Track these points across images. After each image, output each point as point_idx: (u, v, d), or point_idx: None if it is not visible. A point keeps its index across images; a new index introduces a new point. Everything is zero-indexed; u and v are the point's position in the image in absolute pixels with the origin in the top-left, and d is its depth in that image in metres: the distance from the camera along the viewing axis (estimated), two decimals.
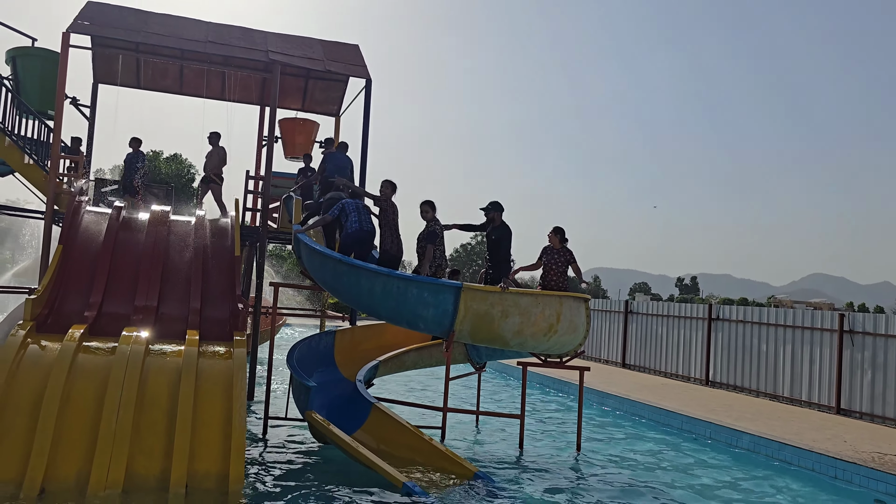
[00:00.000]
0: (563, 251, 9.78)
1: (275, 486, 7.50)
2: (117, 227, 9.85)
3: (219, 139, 13.13)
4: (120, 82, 14.99)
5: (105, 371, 7.18)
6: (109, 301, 8.87)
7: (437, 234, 9.61)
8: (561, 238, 9.88)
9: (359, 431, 8.84)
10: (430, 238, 9.58)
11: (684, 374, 17.46)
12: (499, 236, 9.54)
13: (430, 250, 9.49)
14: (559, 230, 9.94)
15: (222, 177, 13.17)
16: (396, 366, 11.03)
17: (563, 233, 9.94)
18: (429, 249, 9.50)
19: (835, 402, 13.40)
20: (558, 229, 9.94)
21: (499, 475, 8.36)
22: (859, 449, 9.85)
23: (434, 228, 9.63)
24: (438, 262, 9.62)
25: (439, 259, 9.62)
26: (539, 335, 8.75)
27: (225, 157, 13.14)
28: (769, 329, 15.20)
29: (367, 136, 13.03)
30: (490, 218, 9.63)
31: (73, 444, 6.63)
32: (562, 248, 9.81)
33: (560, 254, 9.76)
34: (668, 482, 8.68)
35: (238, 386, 7.36)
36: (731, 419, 11.66)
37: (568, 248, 9.85)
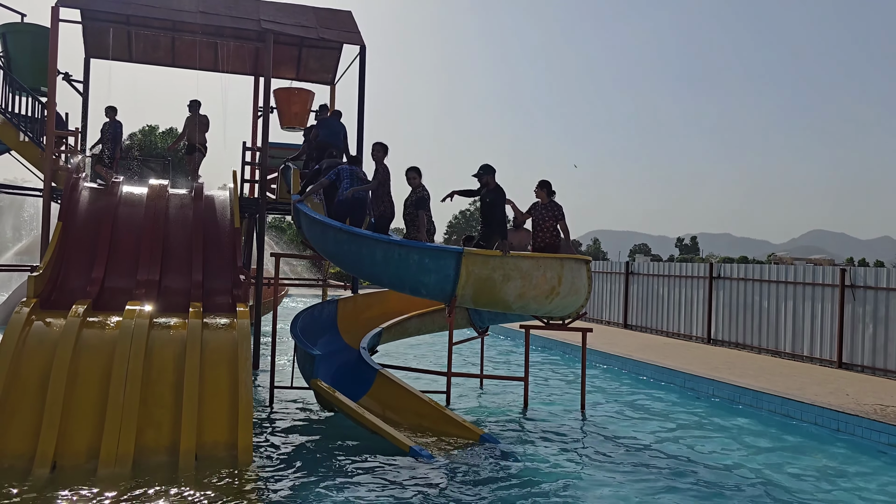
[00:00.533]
0: (552, 206, 9.68)
1: (283, 454, 7.59)
2: (116, 202, 9.83)
3: (199, 107, 12.70)
4: (112, 56, 14.83)
5: (110, 346, 7.22)
6: (111, 276, 8.89)
7: (426, 199, 9.57)
8: (548, 192, 9.76)
9: (364, 398, 8.93)
10: (419, 204, 9.53)
11: (686, 333, 17.55)
12: (493, 199, 9.43)
13: (423, 217, 9.46)
14: (545, 184, 9.80)
15: (206, 146, 12.91)
16: (400, 332, 11.09)
17: (550, 186, 9.81)
18: (421, 216, 9.46)
19: (836, 356, 13.48)
20: (544, 183, 9.80)
21: (504, 437, 8.45)
22: (861, 402, 9.94)
23: (423, 194, 9.58)
24: (426, 227, 9.58)
25: (427, 224, 9.59)
26: (541, 298, 8.78)
27: (207, 125, 12.74)
28: (770, 286, 15.24)
29: (362, 103, 12.94)
30: (484, 182, 9.51)
31: (83, 419, 6.69)
32: (550, 203, 9.71)
33: (548, 209, 9.66)
34: (671, 440, 8.77)
35: (243, 356, 7.40)
36: (733, 376, 11.74)
37: (556, 202, 9.74)
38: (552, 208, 9.64)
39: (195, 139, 12.32)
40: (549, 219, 9.59)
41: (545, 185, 9.78)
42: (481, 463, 7.27)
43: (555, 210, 9.64)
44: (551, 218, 9.60)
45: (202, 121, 12.43)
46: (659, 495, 6.66)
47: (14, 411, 6.62)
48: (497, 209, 9.38)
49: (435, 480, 6.72)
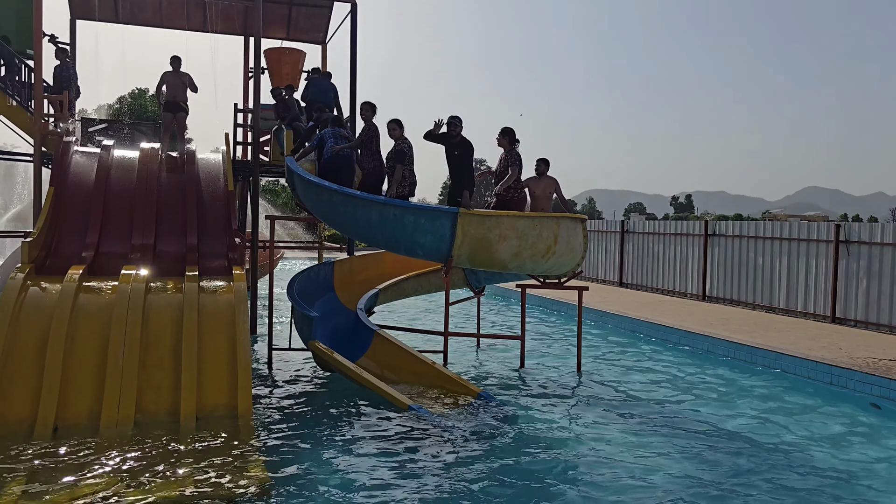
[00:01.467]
0: (510, 154, 9.76)
1: (283, 415, 7.65)
2: (108, 166, 9.74)
3: (181, 63, 12.18)
4: (98, 17, 14.59)
5: (107, 310, 7.22)
6: (106, 240, 8.84)
7: (406, 153, 9.42)
8: (510, 140, 9.75)
9: (362, 358, 8.98)
10: (398, 157, 9.39)
11: (681, 291, 17.63)
12: (461, 152, 9.31)
13: (400, 171, 9.33)
14: (504, 131, 9.79)
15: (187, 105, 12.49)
16: (396, 293, 11.12)
17: (513, 134, 9.78)
18: (398, 170, 9.33)
19: (830, 311, 13.57)
20: (504, 130, 9.80)
21: (501, 395, 8.52)
22: (854, 355, 10.03)
23: (402, 147, 9.42)
24: (410, 180, 9.47)
25: (410, 177, 9.47)
26: (537, 257, 8.78)
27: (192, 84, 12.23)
28: (765, 242, 15.28)
29: (354, 62, 12.78)
30: (457, 133, 9.30)
31: (82, 383, 6.71)
32: (510, 151, 9.78)
33: (508, 155, 9.78)
34: (666, 396, 8.87)
35: (240, 319, 7.41)
36: (728, 332, 11.83)
37: (516, 150, 9.77)
38: (510, 155, 9.74)
39: (180, 97, 11.85)
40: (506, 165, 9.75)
41: (505, 132, 9.79)
42: (479, 420, 7.35)
43: (511, 157, 9.74)
44: (508, 164, 9.74)
45: (187, 79, 11.94)
46: (655, 449, 6.75)
47: (13, 377, 6.64)
48: (465, 161, 9.31)
49: (433, 438, 6.79)
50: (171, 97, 11.77)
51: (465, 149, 9.31)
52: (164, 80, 11.80)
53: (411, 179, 9.45)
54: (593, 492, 5.71)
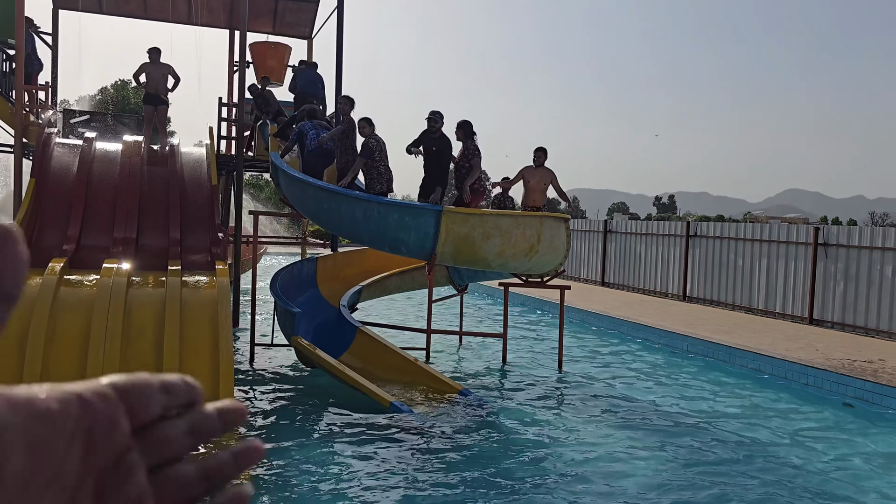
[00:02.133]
0: (469, 146, 9.62)
1: (265, 411, 7.66)
2: (90, 159, 9.67)
3: (160, 55, 12.03)
4: (81, 7, 14.46)
5: (89, 304, 7.17)
6: (88, 234, 8.79)
7: (373, 148, 9.46)
8: (466, 132, 9.60)
9: (345, 355, 8.99)
10: (363, 152, 9.49)
11: (662, 291, 17.77)
12: (439, 147, 9.33)
13: (359, 163, 9.41)
14: (460, 124, 9.64)
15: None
16: (380, 290, 11.13)
17: (469, 127, 9.62)
18: (357, 162, 9.43)
19: (808, 312, 13.75)
20: (461, 123, 9.64)
21: (483, 392, 8.57)
22: (830, 356, 10.18)
23: (369, 143, 9.50)
24: (386, 176, 9.52)
25: (386, 174, 9.53)
26: (520, 256, 8.83)
27: (175, 74, 12.08)
28: (745, 244, 15.44)
29: (341, 57, 12.77)
30: (436, 129, 9.32)
31: (62, 378, 6.57)
32: (468, 144, 9.61)
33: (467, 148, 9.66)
34: (646, 394, 8.96)
35: (223, 314, 7.39)
36: (707, 332, 11.95)
37: (474, 143, 9.62)
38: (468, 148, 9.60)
39: (161, 90, 11.69)
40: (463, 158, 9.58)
41: (461, 125, 9.60)
42: (461, 417, 7.39)
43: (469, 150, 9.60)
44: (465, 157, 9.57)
45: (170, 70, 11.75)
46: (633, 446, 6.82)
47: None
48: (444, 158, 9.34)
49: (415, 434, 6.83)
50: (152, 90, 11.66)
51: (444, 145, 9.34)
52: (142, 69, 11.64)
53: (388, 176, 9.49)
54: (573, 488, 5.77)
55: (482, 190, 9.69)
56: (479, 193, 9.63)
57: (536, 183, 10.11)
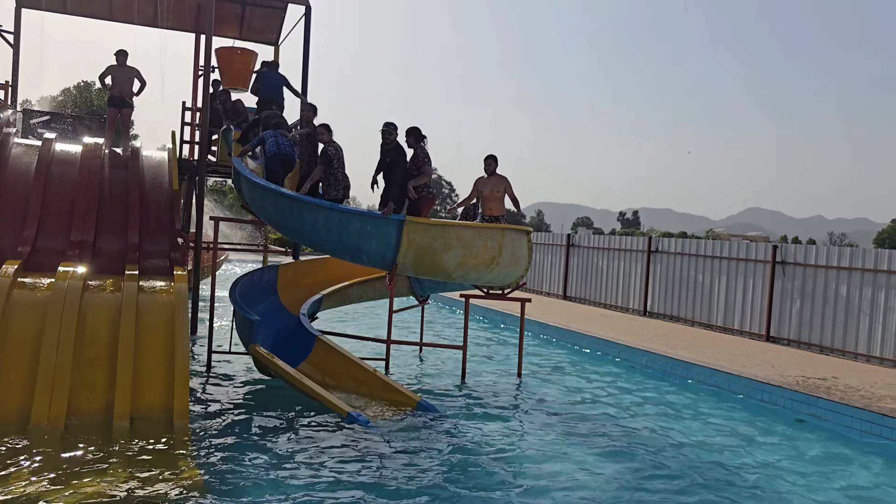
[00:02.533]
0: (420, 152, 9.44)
1: (220, 419, 7.56)
2: (49, 160, 9.49)
3: (127, 57, 11.98)
4: (44, 7, 14.22)
5: (42, 307, 7.03)
6: (44, 236, 8.62)
7: (331, 155, 9.44)
8: (416, 138, 9.42)
9: (303, 364, 8.92)
10: (322, 159, 9.50)
11: (623, 306, 17.95)
12: (393, 158, 9.23)
13: (318, 171, 9.43)
14: (409, 131, 9.46)
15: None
16: (340, 299, 11.08)
17: (418, 133, 9.44)
18: (317, 170, 9.46)
19: (765, 329, 13.99)
20: (409, 130, 9.47)
21: (442, 404, 8.56)
22: (785, 373, 10.36)
23: (328, 150, 9.49)
24: (343, 183, 9.53)
25: (343, 181, 9.53)
26: (481, 267, 8.87)
27: (141, 78, 11.92)
28: (706, 261, 15.68)
29: (307, 64, 12.75)
30: (390, 140, 9.27)
31: (13, 381, 6.53)
32: (418, 149, 9.44)
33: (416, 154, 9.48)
34: (605, 409, 9.03)
35: (180, 320, 7.30)
36: (666, 347, 12.10)
37: (424, 148, 9.44)
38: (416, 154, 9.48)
39: (126, 93, 11.57)
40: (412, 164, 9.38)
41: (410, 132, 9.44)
42: (418, 429, 7.37)
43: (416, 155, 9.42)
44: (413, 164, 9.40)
45: (136, 74, 11.63)
46: (590, 458, 6.87)
47: None
48: (397, 169, 9.18)
49: (372, 446, 6.79)
50: (116, 92, 11.51)
51: (397, 155, 9.23)
52: (108, 72, 11.52)
53: (345, 183, 9.53)
54: (530, 500, 5.78)
55: (431, 197, 9.54)
56: (429, 200, 9.46)
57: (490, 192, 10.02)
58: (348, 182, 9.58)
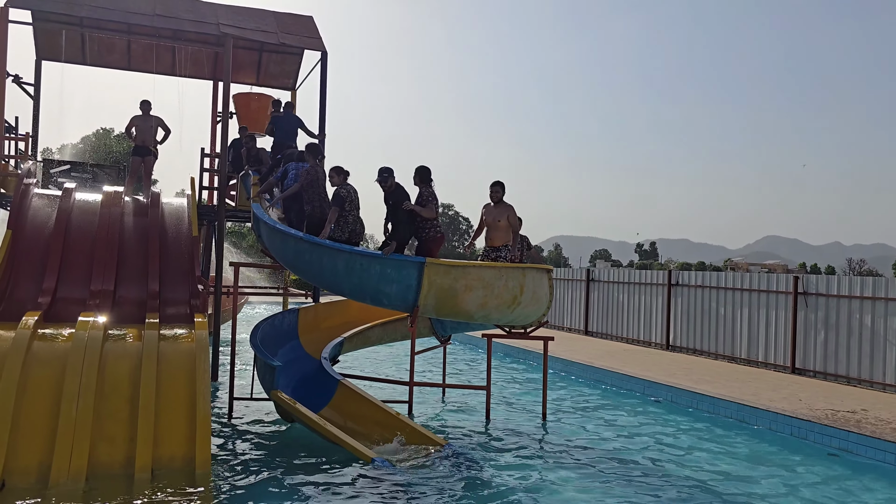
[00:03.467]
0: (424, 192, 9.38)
1: (243, 467, 7.46)
2: (69, 210, 9.58)
3: (150, 107, 12.06)
4: (64, 58, 14.50)
5: (62, 358, 7.01)
6: (64, 286, 8.65)
7: (343, 197, 9.38)
8: (422, 178, 9.38)
9: (326, 409, 8.83)
10: (334, 201, 9.41)
11: (645, 340, 17.75)
12: (395, 200, 9.18)
13: (333, 213, 9.29)
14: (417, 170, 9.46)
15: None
16: (361, 341, 11.00)
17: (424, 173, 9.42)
18: (332, 212, 9.31)
19: (790, 361, 13.75)
20: (417, 170, 9.47)
21: (467, 446, 8.43)
22: (813, 406, 10.14)
23: (339, 192, 9.42)
24: (352, 227, 9.41)
25: (352, 224, 9.41)
26: (503, 307, 8.79)
27: (165, 126, 12.17)
28: (727, 293, 15.50)
29: (324, 109, 12.86)
30: (388, 185, 9.26)
31: (33, 435, 6.48)
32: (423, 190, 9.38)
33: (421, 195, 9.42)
34: (632, 447, 8.85)
35: (201, 368, 7.25)
36: (690, 382, 11.90)
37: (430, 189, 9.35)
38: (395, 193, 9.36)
39: (150, 141, 11.83)
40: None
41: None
42: (444, 473, 7.24)
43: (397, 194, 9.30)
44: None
45: (159, 122, 11.92)
46: (619, 499, 6.70)
47: None
48: (398, 211, 9.13)
49: (397, 491, 6.67)
50: (140, 141, 11.74)
51: (398, 197, 9.18)
52: (133, 122, 11.78)
53: (353, 227, 9.39)
54: None
55: (440, 236, 9.34)
56: (438, 240, 9.29)
57: (493, 220, 9.78)
58: (360, 226, 9.51)
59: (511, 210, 9.80)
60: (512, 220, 9.76)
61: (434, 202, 9.30)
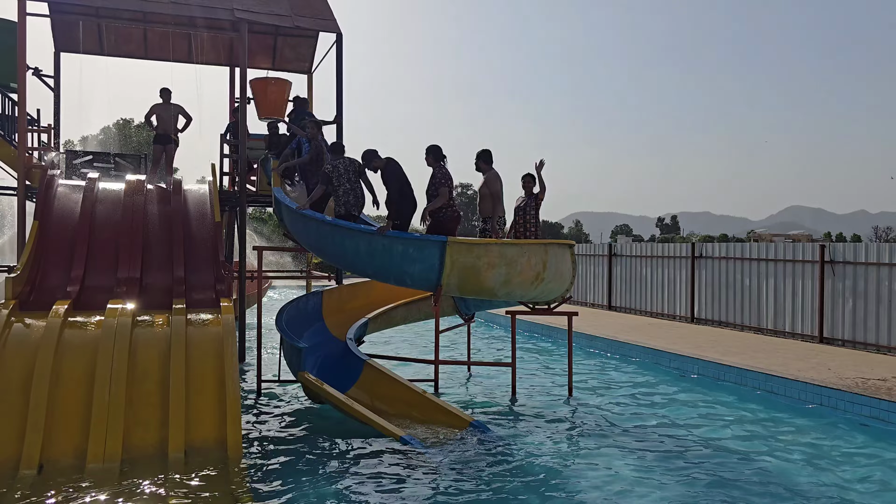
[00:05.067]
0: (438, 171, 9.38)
1: (273, 448, 7.55)
2: (93, 199, 9.68)
3: (171, 95, 12.17)
4: (82, 49, 14.58)
5: (93, 345, 7.12)
6: (91, 274, 8.76)
7: (328, 174, 9.67)
8: (435, 157, 9.40)
9: (353, 389, 8.90)
10: (322, 179, 9.82)
11: (670, 313, 17.66)
12: (385, 179, 9.31)
13: (318, 190, 9.81)
14: (429, 149, 9.44)
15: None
16: (386, 322, 11.06)
17: (437, 151, 9.42)
18: (316, 189, 9.85)
19: (818, 331, 13.63)
20: (429, 149, 9.45)
21: (494, 423, 8.46)
22: (843, 375, 10.05)
23: (324, 169, 9.81)
24: (344, 199, 9.59)
25: (344, 197, 9.58)
26: (526, 284, 8.77)
27: (186, 114, 12.27)
28: (752, 264, 15.36)
29: (341, 91, 12.83)
30: (374, 167, 9.38)
31: (68, 420, 6.60)
32: (438, 168, 9.39)
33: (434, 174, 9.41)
34: (660, 420, 8.83)
35: (229, 352, 7.33)
36: (717, 354, 11.84)
37: (444, 167, 9.36)
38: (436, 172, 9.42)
39: (170, 129, 11.94)
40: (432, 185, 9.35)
41: (430, 150, 9.44)
42: (472, 449, 7.28)
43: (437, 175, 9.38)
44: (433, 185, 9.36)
45: (180, 110, 12.02)
46: (647, 473, 6.70)
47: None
48: (389, 187, 9.26)
49: (426, 468, 6.72)
50: (161, 130, 11.85)
51: (387, 176, 9.32)
52: (153, 111, 11.88)
53: (347, 198, 9.58)
54: None
55: (456, 216, 9.31)
56: (454, 219, 9.27)
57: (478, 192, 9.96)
58: (353, 197, 9.63)
59: (486, 178, 9.71)
60: (489, 189, 9.71)
61: (447, 182, 9.27)
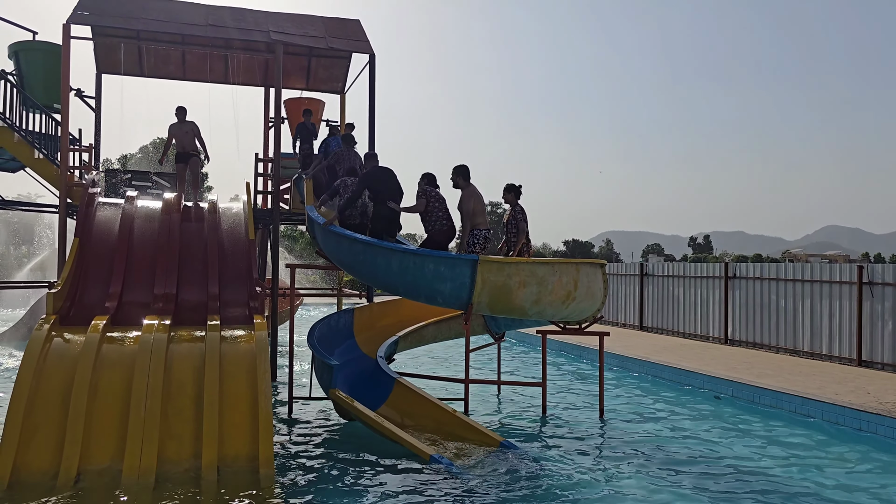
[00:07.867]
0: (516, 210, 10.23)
1: (304, 465, 7.60)
2: (131, 217, 9.89)
3: (186, 113, 12.31)
4: (123, 71, 14.98)
5: (130, 360, 7.25)
6: (129, 291, 8.93)
7: (338, 189, 10.30)
8: (515, 196, 10.25)
9: (383, 407, 8.92)
10: (330, 191, 10.54)
11: (703, 334, 17.45)
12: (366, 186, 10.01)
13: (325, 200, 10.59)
14: (508, 187, 10.28)
15: (205, 151, 12.72)
16: (416, 340, 11.07)
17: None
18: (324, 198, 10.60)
19: (856, 354, 13.36)
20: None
21: (524, 443, 8.42)
22: (883, 400, 9.84)
23: (336, 185, 10.42)
24: (362, 209, 10.11)
25: (361, 207, 10.10)
26: (557, 303, 8.75)
27: (198, 133, 12.42)
28: (787, 284, 15.14)
29: (373, 111, 12.98)
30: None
31: (105, 433, 6.72)
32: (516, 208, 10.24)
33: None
34: (692, 442, 8.72)
35: (262, 368, 7.41)
36: (752, 376, 11.66)
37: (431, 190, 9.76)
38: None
39: (188, 146, 12.13)
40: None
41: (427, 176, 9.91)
42: (502, 469, 7.25)
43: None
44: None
45: (192, 128, 12.17)
46: (679, 496, 6.61)
47: (37, 427, 6.66)
48: (377, 197, 9.93)
49: (456, 488, 6.71)
50: (179, 148, 12.11)
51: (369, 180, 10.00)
52: (171, 132, 12.14)
53: (363, 209, 10.11)
54: None
55: (448, 230, 9.69)
56: (444, 232, 9.68)
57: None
58: (365, 205, 10.14)
59: (463, 196, 9.72)
60: (462, 207, 9.72)
61: (423, 195, 9.63)
